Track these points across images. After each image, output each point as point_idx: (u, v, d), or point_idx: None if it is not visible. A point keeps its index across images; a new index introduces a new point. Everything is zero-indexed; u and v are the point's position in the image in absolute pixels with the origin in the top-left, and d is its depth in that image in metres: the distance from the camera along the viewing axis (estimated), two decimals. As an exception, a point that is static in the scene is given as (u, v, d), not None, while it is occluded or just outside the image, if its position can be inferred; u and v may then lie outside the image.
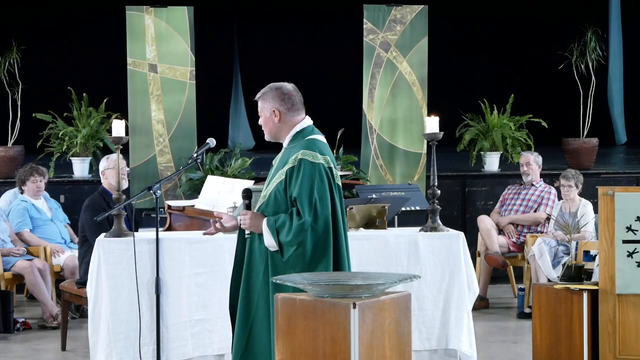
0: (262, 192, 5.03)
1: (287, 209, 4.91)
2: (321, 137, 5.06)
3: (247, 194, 5.03)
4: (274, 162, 5.17)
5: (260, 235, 4.93)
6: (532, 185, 9.48)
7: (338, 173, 5.02)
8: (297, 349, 4.26)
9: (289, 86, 5.09)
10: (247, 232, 4.98)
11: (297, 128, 5.05)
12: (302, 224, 4.81)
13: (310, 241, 4.82)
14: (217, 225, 5.19)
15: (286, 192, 4.92)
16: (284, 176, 4.93)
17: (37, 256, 8.77)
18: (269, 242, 4.88)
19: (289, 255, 4.84)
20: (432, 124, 6.50)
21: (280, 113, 5.02)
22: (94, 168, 10.63)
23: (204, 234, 5.48)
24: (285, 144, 5.08)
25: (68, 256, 8.81)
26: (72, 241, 9.22)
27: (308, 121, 5.09)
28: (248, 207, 5.00)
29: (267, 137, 5.14)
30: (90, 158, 10.71)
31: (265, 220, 4.90)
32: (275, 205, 4.94)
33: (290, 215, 4.85)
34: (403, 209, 8.45)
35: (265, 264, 4.93)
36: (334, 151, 9.82)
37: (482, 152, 11.02)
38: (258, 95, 5.10)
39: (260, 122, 5.10)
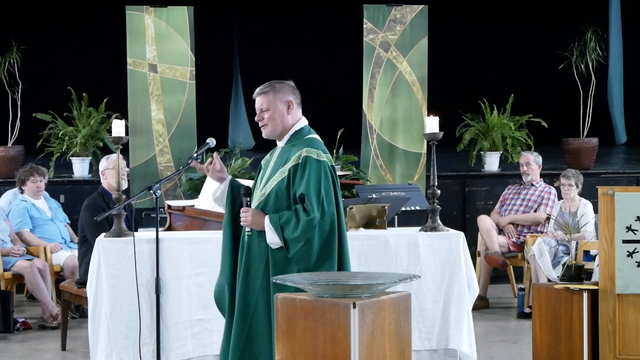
0: (260, 191, 5.03)
1: (288, 206, 4.91)
2: (318, 137, 5.08)
3: (248, 191, 5.03)
4: (263, 162, 5.18)
5: (260, 233, 4.93)
6: (532, 185, 9.48)
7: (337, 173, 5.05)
8: (297, 349, 4.26)
9: (291, 83, 5.13)
10: (247, 229, 4.98)
11: (297, 127, 5.07)
12: (311, 220, 4.81)
13: (318, 238, 4.83)
14: (208, 165, 5.15)
15: (289, 189, 4.92)
16: (287, 174, 4.94)
17: (37, 256, 8.78)
18: (272, 239, 4.87)
19: (295, 251, 4.83)
20: (432, 124, 6.50)
21: (293, 105, 5.05)
22: (94, 168, 10.63)
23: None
24: (282, 143, 5.09)
25: (68, 256, 8.81)
26: (72, 241, 9.22)
27: (305, 121, 5.12)
28: (248, 204, 5.00)
29: (268, 133, 5.08)
30: (90, 158, 10.72)
31: (267, 218, 4.89)
32: (277, 203, 4.93)
33: (296, 212, 4.84)
34: (403, 209, 8.44)
35: (265, 262, 4.93)
36: (334, 151, 9.82)
37: (482, 152, 11.03)
38: (267, 88, 5.05)
39: (265, 115, 5.05)
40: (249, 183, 5.39)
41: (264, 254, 4.93)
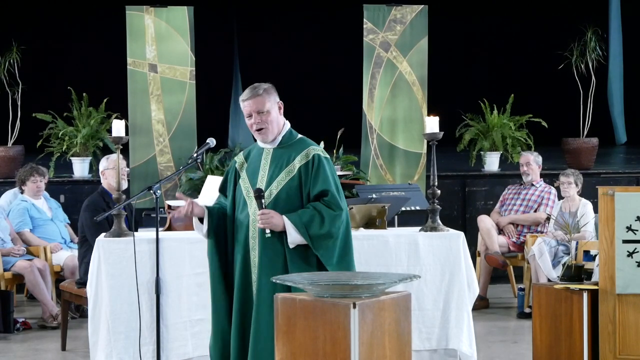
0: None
1: (300, 205, 4.92)
2: None
3: (261, 193, 4.98)
4: (239, 166, 5.10)
5: (274, 233, 4.90)
6: (532, 185, 9.48)
7: None
8: (297, 349, 4.26)
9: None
10: (267, 231, 4.94)
11: (287, 127, 5.10)
12: (338, 216, 4.89)
13: (342, 233, 4.92)
14: (186, 210, 5.07)
15: (300, 188, 4.93)
16: (296, 173, 4.94)
17: (37, 256, 8.78)
18: (295, 238, 4.88)
19: (323, 248, 4.87)
20: (432, 124, 6.50)
21: (282, 106, 5.08)
22: (94, 168, 10.63)
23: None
24: (273, 144, 5.08)
25: (68, 256, 8.81)
26: (72, 241, 9.22)
27: (288, 122, 5.16)
28: (261, 206, 4.95)
29: (268, 136, 5.06)
30: (90, 158, 10.72)
31: (285, 217, 4.89)
32: (288, 203, 4.93)
33: (317, 209, 4.88)
34: (403, 209, 8.44)
35: (282, 262, 4.91)
36: (334, 151, 9.82)
37: (482, 152, 11.03)
38: (259, 90, 5.02)
39: (263, 118, 5.03)
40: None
41: (280, 254, 4.93)
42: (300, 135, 5.12)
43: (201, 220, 5.16)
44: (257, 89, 5.04)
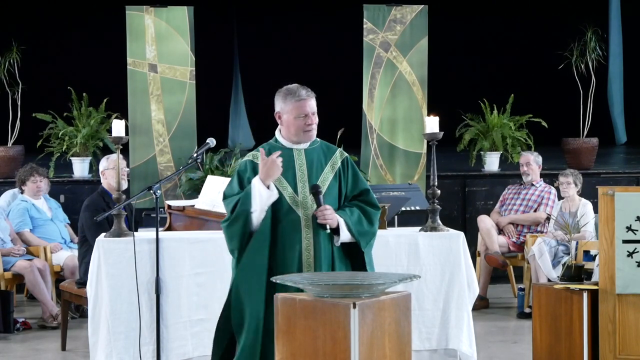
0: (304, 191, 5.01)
1: (337, 203, 5.00)
2: None
3: (318, 189, 4.93)
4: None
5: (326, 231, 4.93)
6: (532, 185, 9.48)
7: None
8: (297, 349, 4.26)
9: None
10: (327, 228, 4.93)
11: None
12: (378, 214, 5.07)
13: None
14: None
15: (339, 187, 5.03)
16: (337, 171, 5.05)
17: (37, 256, 8.77)
18: (346, 236, 4.96)
19: (369, 244, 5.01)
20: (432, 124, 6.50)
21: None
22: (94, 168, 10.63)
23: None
24: (304, 145, 5.07)
25: (68, 256, 8.81)
26: (72, 241, 9.22)
27: None
28: (319, 202, 4.92)
29: (313, 137, 5.08)
30: (90, 158, 10.72)
31: (338, 215, 4.95)
32: (330, 202, 4.98)
33: (362, 208, 5.02)
34: (403, 209, 8.45)
35: (330, 262, 4.94)
36: (334, 151, 9.82)
37: (482, 152, 11.03)
38: (311, 92, 5.09)
39: (314, 120, 5.07)
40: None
41: (329, 252, 4.96)
42: (319, 139, 5.16)
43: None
44: (308, 90, 5.09)
